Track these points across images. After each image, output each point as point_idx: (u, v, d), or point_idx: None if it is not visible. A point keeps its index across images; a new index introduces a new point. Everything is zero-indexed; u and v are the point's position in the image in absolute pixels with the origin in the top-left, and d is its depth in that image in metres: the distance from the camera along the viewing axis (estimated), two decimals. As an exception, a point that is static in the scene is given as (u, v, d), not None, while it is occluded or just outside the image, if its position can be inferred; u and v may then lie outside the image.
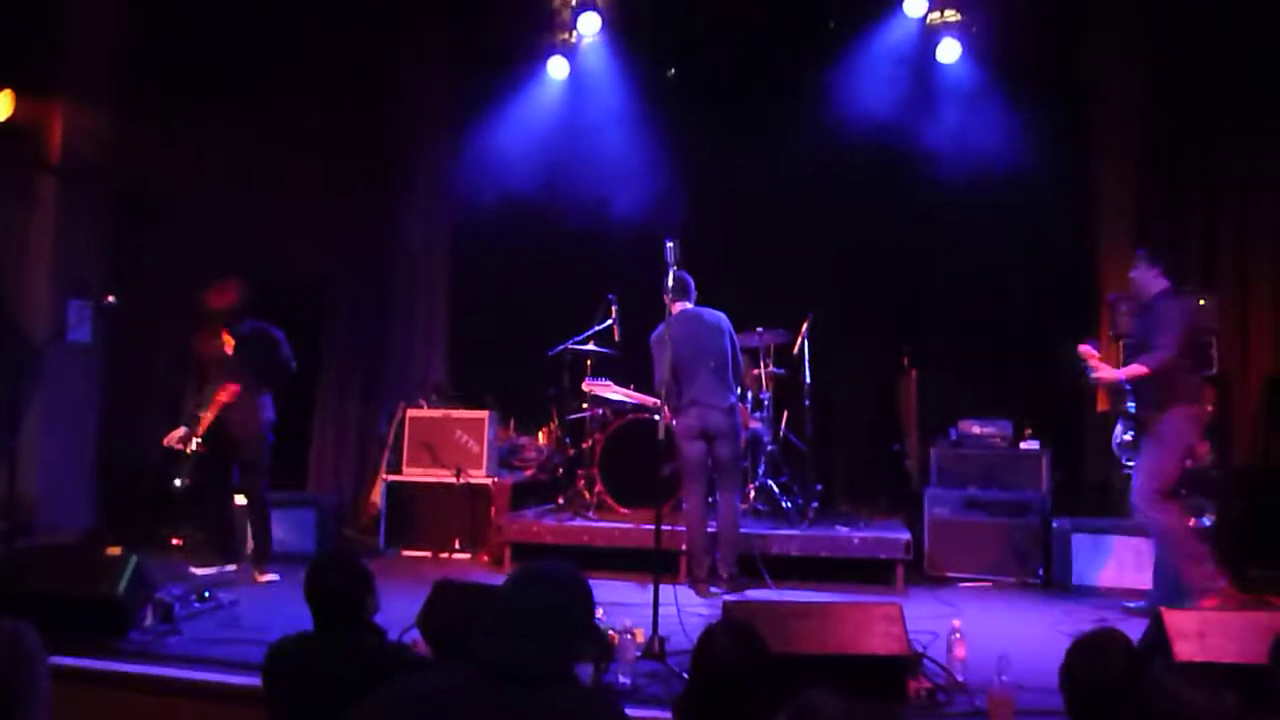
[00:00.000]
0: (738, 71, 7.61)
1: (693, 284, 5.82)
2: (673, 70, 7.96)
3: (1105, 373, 5.03)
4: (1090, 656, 2.28)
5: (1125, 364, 6.28)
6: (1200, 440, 5.17)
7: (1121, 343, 6.35)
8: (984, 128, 6.99)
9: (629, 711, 3.27)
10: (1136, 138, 7.00)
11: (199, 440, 5.49)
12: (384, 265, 8.14)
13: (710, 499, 5.78)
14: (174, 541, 6.86)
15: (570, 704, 1.93)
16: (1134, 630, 3.65)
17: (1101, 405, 6.85)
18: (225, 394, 5.52)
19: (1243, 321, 6.61)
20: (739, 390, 5.86)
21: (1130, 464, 5.10)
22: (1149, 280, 5.15)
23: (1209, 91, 6.72)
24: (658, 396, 5.57)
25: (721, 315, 5.78)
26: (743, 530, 5.69)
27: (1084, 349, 5.11)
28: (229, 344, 5.62)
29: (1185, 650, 3.15)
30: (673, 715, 2.53)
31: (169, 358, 7.48)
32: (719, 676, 2.42)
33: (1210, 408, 5.56)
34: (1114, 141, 7.14)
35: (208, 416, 5.50)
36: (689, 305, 5.78)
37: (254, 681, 3.17)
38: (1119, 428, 5.13)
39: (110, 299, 5.75)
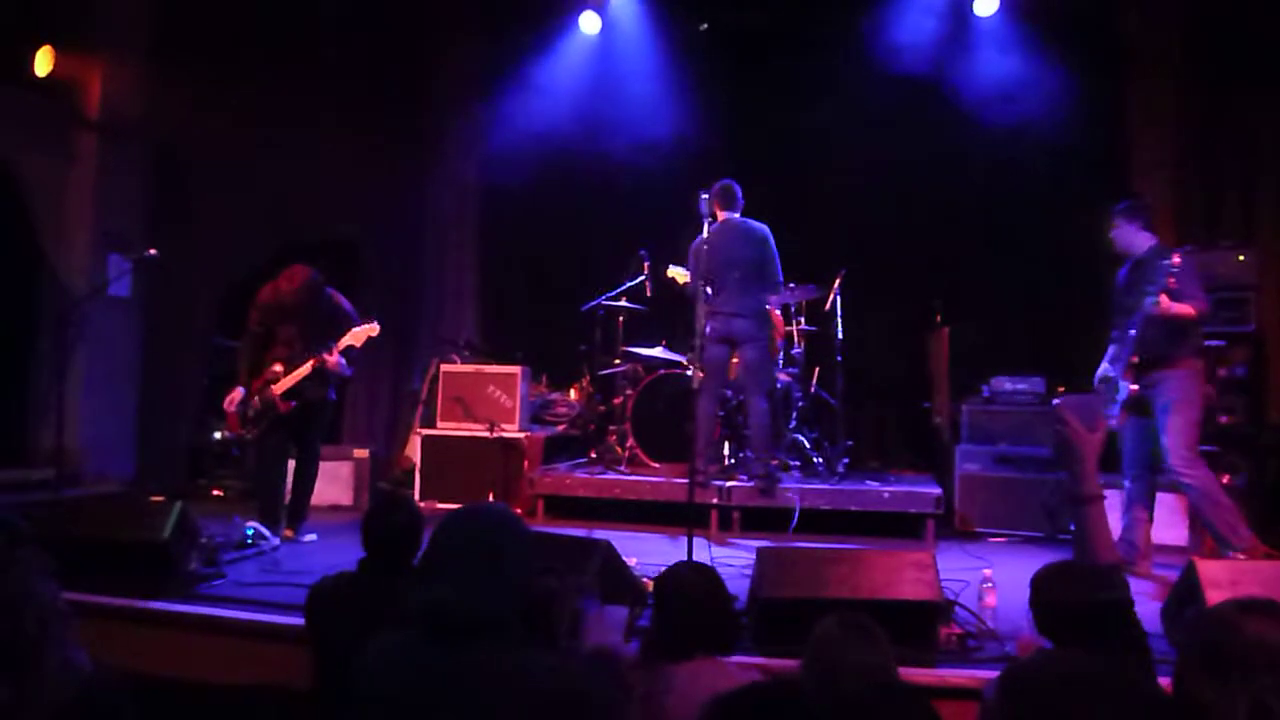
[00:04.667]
0: (770, 23, 7.54)
1: (740, 192, 5.95)
2: (705, 24, 7.89)
3: (1165, 303, 4.63)
4: (1053, 580, 2.48)
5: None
6: (1208, 387, 5.08)
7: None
8: (1020, 82, 6.93)
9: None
10: (1173, 94, 6.89)
11: (285, 399, 5.32)
12: (416, 224, 8.19)
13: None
14: (215, 492, 7.02)
15: (508, 666, 1.82)
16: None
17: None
18: (307, 368, 5.30)
19: (1280, 278, 6.52)
20: (783, 301, 6.19)
21: (1114, 419, 4.92)
22: (1133, 236, 4.98)
23: (1246, 48, 6.58)
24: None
25: (761, 225, 5.91)
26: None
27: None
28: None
29: (1217, 598, 3.16)
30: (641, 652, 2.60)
31: (206, 312, 7.62)
32: (684, 610, 2.52)
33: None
34: (1150, 97, 7.03)
35: (287, 382, 5.31)
36: (734, 215, 5.92)
37: (296, 621, 3.27)
38: (1121, 385, 4.87)
39: (152, 252, 5.79)
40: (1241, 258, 6.06)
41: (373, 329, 5.45)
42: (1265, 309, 6.21)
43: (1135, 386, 4.82)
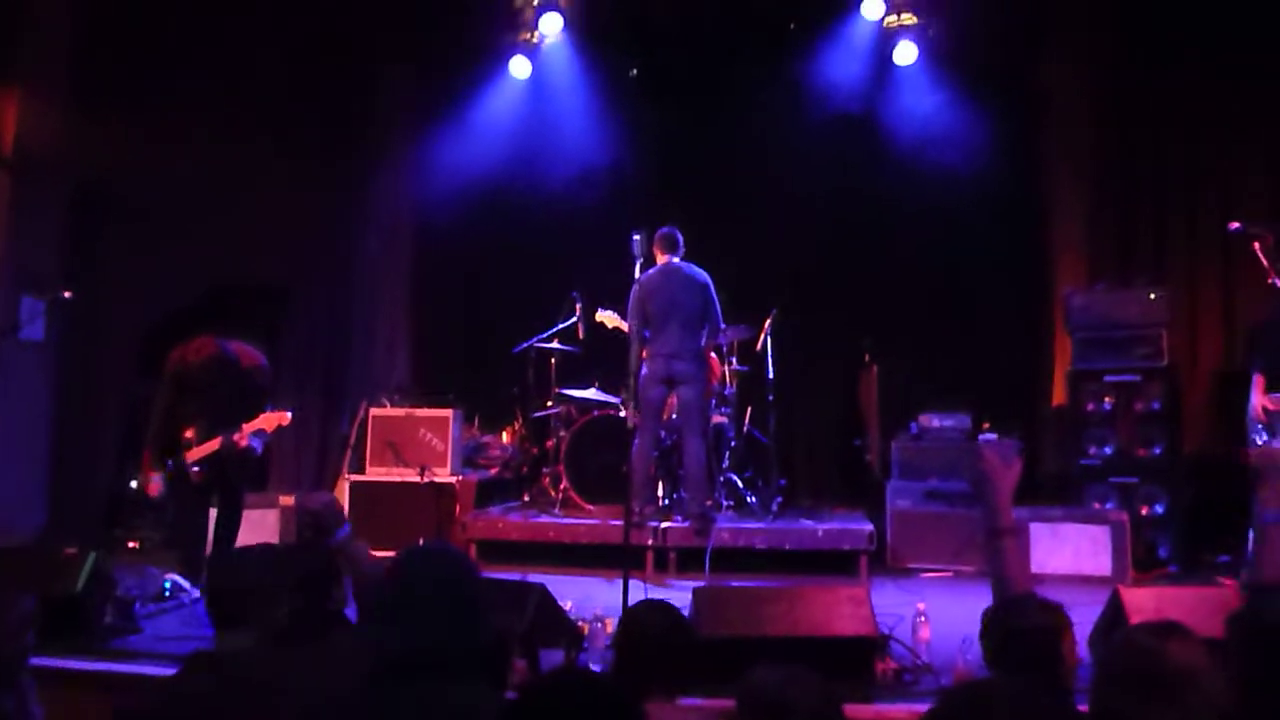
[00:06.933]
0: (699, 71, 7.69)
1: (680, 239, 6.09)
2: (634, 70, 8.02)
3: None
4: (1002, 614, 2.45)
5: (1079, 359, 6.45)
6: None
7: (1075, 336, 6.49)
8: (942, 127, 7.15)
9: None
10: (1087, 140, 7.19)
11: (195, 469, 5.23)
12: (345, 266, 8.08)
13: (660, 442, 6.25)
14: (131, 544, 6.75)
15: (464, 701, 1.81)
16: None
17: (1058, 399, 7.00)
18: (215, 444, 5.22)
19: (1192, 316, 6.79)
20: (716, 344, 6.29)
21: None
22: None
23: (1158, 97, 6.93)
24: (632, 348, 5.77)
25: (702, 272, 6.03)
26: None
27: None
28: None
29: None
30: None
31: (124, 357, 7.37)
32: (646, 652, 2.46)
33: None
34: (1066, 144, 7.34)
35: (197, 453, 5.23)
36: (674, 259, 6.05)
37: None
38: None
39: (67, 294, 5.61)
40: (1153, 296, 6.29)
41: (284, 418, 5.34)
42: (1177, 345, 6.45)
43: None
